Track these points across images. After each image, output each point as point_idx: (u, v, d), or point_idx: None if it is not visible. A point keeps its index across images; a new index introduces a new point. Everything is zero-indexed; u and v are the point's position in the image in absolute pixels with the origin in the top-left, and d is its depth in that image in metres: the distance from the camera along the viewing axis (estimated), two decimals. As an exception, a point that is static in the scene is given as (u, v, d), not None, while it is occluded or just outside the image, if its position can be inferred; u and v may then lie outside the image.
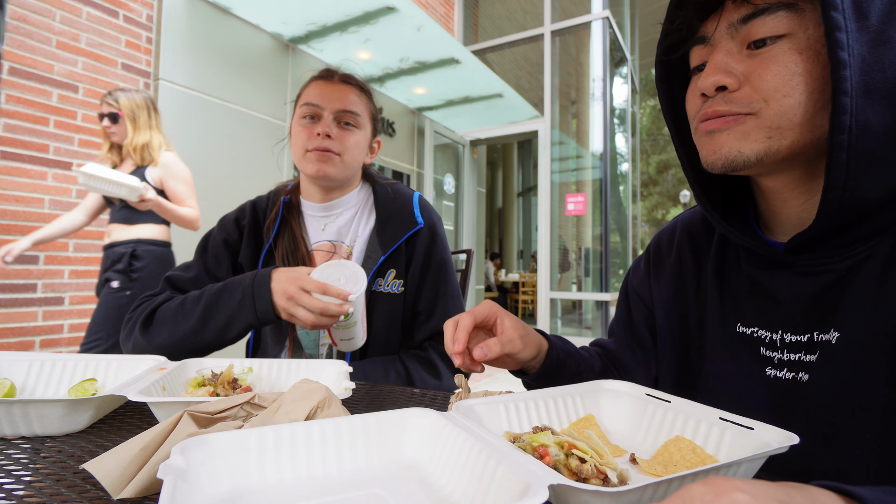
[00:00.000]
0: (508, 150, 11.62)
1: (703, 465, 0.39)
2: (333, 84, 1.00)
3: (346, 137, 0.98)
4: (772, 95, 0.47)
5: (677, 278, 0.68)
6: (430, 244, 1.03)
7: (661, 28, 0.57)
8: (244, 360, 0.73)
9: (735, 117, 0.50)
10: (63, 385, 0.66)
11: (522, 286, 8.81)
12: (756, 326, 0.56)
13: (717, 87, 0.50)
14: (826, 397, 0.48)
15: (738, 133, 0.50)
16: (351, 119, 0.99)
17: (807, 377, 0.50)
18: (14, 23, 2.25)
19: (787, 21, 0.46)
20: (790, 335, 0.52)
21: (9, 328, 2.23)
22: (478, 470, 0.35)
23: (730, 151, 0.50)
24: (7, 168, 2.22)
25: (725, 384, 0.58)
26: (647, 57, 12.13)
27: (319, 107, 0.97)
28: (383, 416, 0.44)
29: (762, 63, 0.48)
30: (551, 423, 0.52)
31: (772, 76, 0.47)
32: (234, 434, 0.38)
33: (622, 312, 0.77)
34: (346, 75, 1.03)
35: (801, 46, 0.46)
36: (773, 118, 0.48)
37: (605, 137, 5.41)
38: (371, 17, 3.44)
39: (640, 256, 0.77)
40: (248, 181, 3.24)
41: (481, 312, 0.62)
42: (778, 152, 0.49)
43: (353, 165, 1.01)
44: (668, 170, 22.79)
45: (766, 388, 0.53)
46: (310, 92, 1.00)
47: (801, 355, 0.51)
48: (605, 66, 5.38)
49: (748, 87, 0.49)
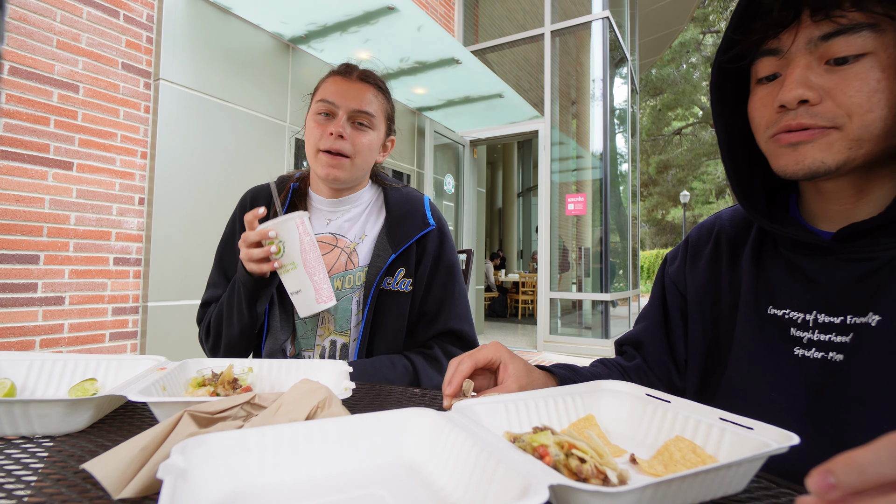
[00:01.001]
0: (508, 150, 11.61)
1: (703, 465, 0.39)
2: (351, 82, 0.99)
3: (358, 138, 0.98)
4: (855, 111, 0.49)
5: (712, 264, 0.70)
6: (439, 246, 1.04)
7: (724, 36, 0.58)
8: (244, 360, 0.73)
9: (821, 130, 0.52)
10: (63, 385, 0.66)
11: (522, 286, 8.81)
12: (788, 308, 0.58)
13: (800, 100, 0.52)
14: (865, 379, 0.50)
15: (823, 145, 0.52)
16: (365, 119, 0.98)
17: (840, 357, 0.52)
18: (14, 23, 2.25)
19: (871, 41, 0.48)
20: (824, 316, 0.55)
21: (9, 328, 2.23)
22: (478, 470, 0.35)
23: (813, 162, 0.53)
24: (7, 168, 2.22)
25: (753, 363, 0.60)
26: (647, 57, 12.14)
27: (335, 104, 0.97)
28: (383, 416, 0.44)
29: (845, 79, 0.50)
30: (551, 423, 0.52)
31: (855, 92, 0.49)
32: (234, 434, 0.38)
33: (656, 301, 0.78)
34: (365, 73, 1.02)
35: (883, 65, 0.48)
36: (857, 131, 0.50)
37: (605, 137, 5.41)
38: (371, 17, 3.44)
39: (679, 246, 0.79)
40: (248, 181, 3.23)
41: (484, 357, 0.62)
42: (854, 160, 0.52)
43: (363, 167, 1.02)
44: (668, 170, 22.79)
45: (794, 367, 0.56)
46: (327, 87, 0.99)
47: (832, 336, 0.53)
48: (605, 66, 5.38)
49: (830, 101, 0.51)
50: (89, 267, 2.52)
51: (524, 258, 12.28)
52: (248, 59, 3.33)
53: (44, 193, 2.35)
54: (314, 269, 0.85)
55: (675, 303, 0.75)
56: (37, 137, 2.32)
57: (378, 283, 0.98)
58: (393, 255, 0.98)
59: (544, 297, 5.39)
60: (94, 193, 2.54)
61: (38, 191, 2.33)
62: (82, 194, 2.49)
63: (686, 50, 21.15)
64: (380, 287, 0.98)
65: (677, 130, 22.72)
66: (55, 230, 2.38)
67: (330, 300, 0.86)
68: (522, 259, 12.25)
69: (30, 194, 2.30)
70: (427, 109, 5.26)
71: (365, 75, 1.01)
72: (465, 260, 1.48)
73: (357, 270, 1.01)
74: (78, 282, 2.47)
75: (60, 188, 2.41)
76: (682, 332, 0.73)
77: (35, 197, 2.32)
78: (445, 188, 5.81)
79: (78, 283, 2.48)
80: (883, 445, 0.23)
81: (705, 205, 22.67)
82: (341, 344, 1.01)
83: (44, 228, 2.35)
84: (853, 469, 0.23)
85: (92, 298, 2.53)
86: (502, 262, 10.62)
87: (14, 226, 2.25)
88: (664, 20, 10.09)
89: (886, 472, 0.23)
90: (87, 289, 2.51)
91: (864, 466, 0.23)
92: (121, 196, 2.65)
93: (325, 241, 1.04)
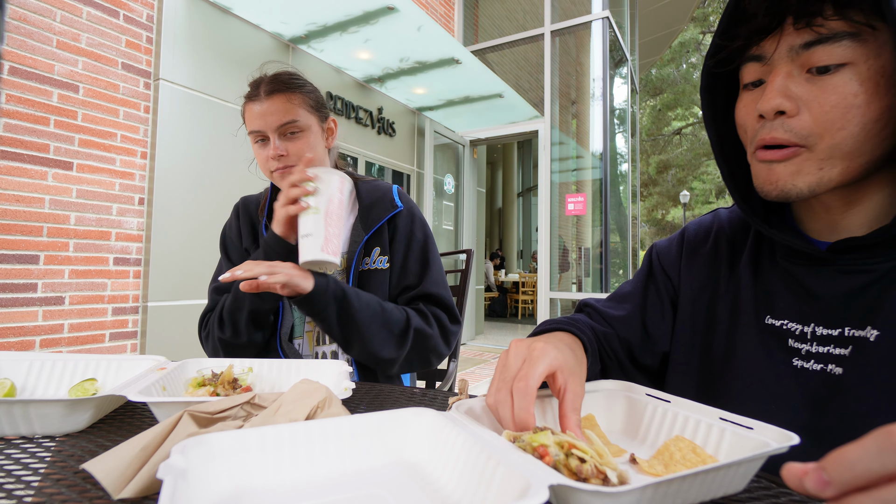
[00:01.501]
0: (508, 150, 11.61)
1: (704, 464, 0.39)
2: (262, 102, 1.01)
3: (297, 147, 1.03)
4: (828, 129, 0.49)
5: (711, 266, 0.69)
6: (410, 223, 1.11)
7: (712, 40, 0.58)
8: (244, 360, 0.73)
9: (792, 149, 0.51)
10: (63, 385, 0.66)
11: (522, 286, 8.81)
12: (786, 319, 0.57)
13: (777, 111, 0.51)
14: (865, 393, 0.50)
15: (793, 166, 0.52)
16: (292, 127, 1.02)
17: (840, 371, 0.52)
18: (14, 23, 2.25)
19: (851, 50, 0.47)
20: (822, 329, 0.54)
21: (9, 328, 2.23)
22: (478, 470, 0.35)
23: (784, 185, 0.52)
24: (7, 168, 2.22)
25: (752, 373, 0.59)
26: (647, 57, 12.14)
27: (261, 131, 1.02)
28: (383, 416, 0.44)
29: (823, 91, 0.49)
30: (551, 424, 0.52)
31: (831, 108, 0.48)
32: (234, 434, 0.38)
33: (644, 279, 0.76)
34: (270, 84, 1.03)
35: (861, 77, 0.47)
36: (826, 151, 0.50)
37: (605, 137, 5.41)
38: (371, 17, 3.44)
39: (672, 238, 0.77)
40: (248, 181, 3.23)
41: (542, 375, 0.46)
42: (830, 181, 0.51)
43: (315, 161, 1.06)
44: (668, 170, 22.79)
45: (793, 379, 0.55)
46: (249, 117, 1.04)
47: (831, 348, 0.53)
48: (605, 66, 5.38)
49: (807, 114, 0.50)
50: (89, 267, 2.52)
51: (524, 258, 12.28)
52: (248, 59, 3.33)
53: (44, 193, 2.35)
54: (333, 222, 0.89)
55: (668, 291, 0.73)
56: (37, 137, 2.32)
57: (357, 264, 1.04)
58: (366, 236, 1.05)
59: (544, 297, 5.39)
60: (94, 193, 2.54)
61: (38, 191, 2.33)
62: (82, 194, 2.49)
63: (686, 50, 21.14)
64: (359, 268, 1.05)
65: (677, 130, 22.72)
66: (55, 230, 2.38)
67: (335, 255, 0.88)
68: (522, 259, 12.25)
69: (30, 194, 2.30)
70: (427, 109, 5.26)
71: (271, 88, 1.03)
72: (465, 260, 1.48)
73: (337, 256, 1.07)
74: (78, 282, 2.47)
75: (60, 188, 2.40)
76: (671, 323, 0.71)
77: (35, 197, 2.32)
78: (445, 188, 5.81)
79: (78, 283, 2.47)
80: (871, 440, 0.23)
81: (705, 205, 22.66)
82: None
83: (44, 228, 2.35)
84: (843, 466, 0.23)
85: (92, 298, 2.53)
86: (501, 262, 10.62)
87: (14, 226, 2.25)
88: (664, 20, 10.09)
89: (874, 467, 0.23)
90: (87, 289, 2.51)
91: (853, 462, 0.23)
92: (121, 196, 2.65)
93: None
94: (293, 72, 1.10)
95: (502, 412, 0.44)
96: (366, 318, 0.93)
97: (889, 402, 0.48)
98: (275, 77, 1.05)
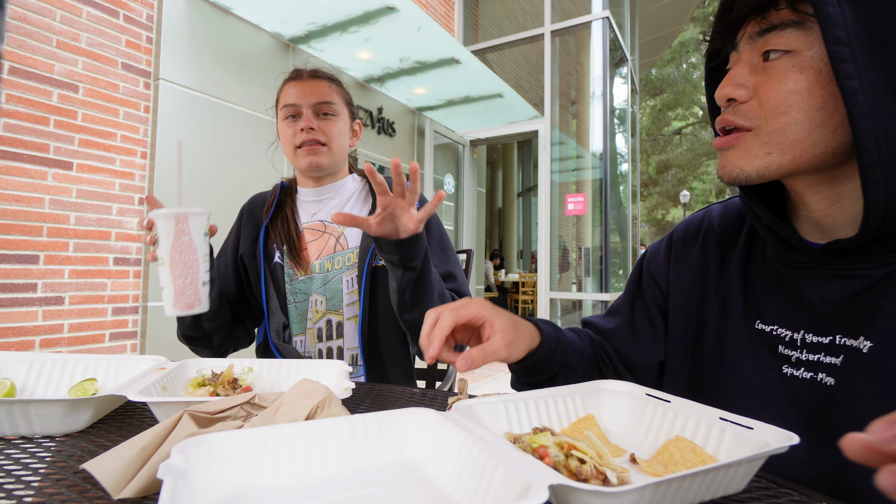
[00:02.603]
0: (508, 150, 11.61)
1: (703, 464, 0.39)
2: (304, 81, 1.08)
3: (328, 126, 1.06)
4: (771, 112, 0.50)
5: (699, 269, 0.68)
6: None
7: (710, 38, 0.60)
8: (244, 360, 0.73)
9: (738, 134, 0.53)
10: (63, 385, 0.66)
11: (522, 286, 8.81)
12: (776, 325, 0.57)
13: (728, 98, 0.54)
14: (859, 406, 0.48)
15: (741, 151, 0.53)
16: (328, 109, 1.07)
17: (832, 381, 0.50)
18: (14, 22, 2.25)
19: (795, 38, 0.49)
20: (812, 336, 0.53)
21: (9, 328, 2.23)
22: (478, 470, 0.35)
23: (733, 168, 0.54)
24: (7, 168, 2.22)
25: (741, 379, 0.58)
26: (647, 57, 12.13)
27: (297, 105, 1.05)
28: (383, 416, 0.44)
29: (769, 77, 0.51)
30: (551, 424, 0.52)
31: (774, 92, 0.50)
32: (234, 434, 0.38)
33: (633, 290, 0.76)
34: (314, 70, 1.11)
35: (804, 65, 0.49)
36: (770, 135, 0.51)
37: (605, 137, 5.41)
38: (371, 17, 3.44)
39: (662, 240, 0.76)
40: (248, 180, 3.24)
41: (466, 314, 0.57)
42: (780, 168, 0.51)
43: (340, 151, 1.10)
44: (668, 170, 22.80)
45: (783, 386, 0.54)
46: (286, 94, 1.08)
47: (822, 356, 0.52)
48: (605, 66, 5.38)
49: (755, 100, 0.52)
50: (89, 267, 2.52)
51: (524, 258, 12.28)
52: (248, 59, 3.33)
53: (44, 193, 2.35)
54: (182, 271, 0.78)
55: (656, 300, 0.72)
56: (37, 137, 2.32)
57: (370, 260, 1.05)
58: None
59: (544, 297, 5.39)
60: (94, 193, 2.54)
61: (37, 191, 2.32)
62: (82, 194, 2.49)
63: (686, 50, 21.14)
64: (372, 264, 1.05)
65: (677, 130, 22.72)
66: (55, 230, 2.38)
67: (193, 306, 0.79)
68: (522, 259, 12.25)
69: (30, 194, 2.30)
70: (427, 109, 5.26)
71: (315, 72, 1.10)
72: (465, 260, 1.48)
73: (347, 252, 1.08)
74: (78, 282, 2.47)
75: (60, 188, 2.40)
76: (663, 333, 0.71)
77: (35, 197, 2.32)
78: (445, 188, 5.81)
79: (78, 283, 2.47)
80: None
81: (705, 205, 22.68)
82: (336, 322, 1.07)
83: (44, 228, 2.34)
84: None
85: (92, 298, 2.53)
86: (501, 262, 10.62)
87: (14, 226, 2.25)
88: (664, 20, 10.08)
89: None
90: (86, 289, 2.51)
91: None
92: (121, 196, 2.65)
93: (313, 228, 1.12)
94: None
95: (424, 328, 0.56)
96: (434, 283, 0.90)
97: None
98: (319, 68, 1.12)
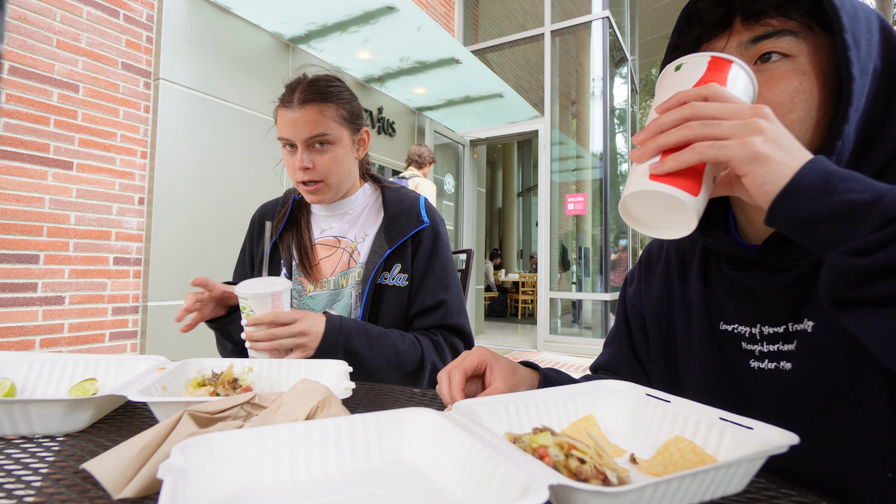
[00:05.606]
0: (508, 150, 11.61)
1: (703, 464, 0.39)
2: (295, 111, 0.99)
3: (322, 160, 1.01)
4: (777, 110, 0.50)
5: (665, 282, 0.71)
6: (434, 242, 1.08)
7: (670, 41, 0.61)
8: (244, 360, 0.73)
9: None
10: (63, 385, 0.66)
11: (522, 286, 8.81)
12: (736, 323, 0.59)
13: None
14: (814, 383, 0.51)
15: None
16: (321, 139, 1.00)
17: (789, 366, 0.53)
18: (14, 22, 2.25)
19: (794, 45, 0.51)
20: (767, 328, 0.56)
21: (9, 328, 2.23)
22: (478, 470, 0.35)
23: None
24: (7, 168, 2.22)
25: (716, 380, 0.60)
26: (647, 57, 12.13)
27: (289, 139, 1.01)
28: (383, 416, 0.44)
29: (770, 78, 0.52)
30: (551, 424, 0.52)
31: (780, 91, 0.51)
32: (234, 434, 0.38)
33: (620, 324, 0.80)
34: (305, 93, 0.99)
35: (804, 68, 0.51)
36: None
37: (605, 137, 5.41)
38: (371, 17, 3.44)
39: (634, 268, 0.81)
40: (249, 181, 3.24)
41: (471, 364, 0.62)
42: None
43: (340, 179, 1.06)
44: (668, 170, 22.75)
45: (754, 380, 0.56)
46: (280, 122, 1.02)
47: (780, 345, 0.55)
48: (605, 66, 5.38)
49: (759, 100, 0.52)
50: (89, 267, 2.52)
51: (524, 258, 12.28)
52: (249, 58, 3.33)
53: (44, 193, 2.35)
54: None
55: (639, 324, 0.75)
56: (37, 137, 2.32)
57: (374, 277, 1.03)
58: (388, 250, 1.03)
59: (544, 297, 5.39)
60: (94, 193, 2.54)
61: (37, 190, 2.33)
62: (82, 194, 2.49)
63: (686, 50, 21.14)
64: (376, 282, 1.03)
65: (677, 130, 22.72)
66: (55, 230, 2.38)
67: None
68: (522, 259, 12.25)
69: (30, 194, 2.30)
70: (427, 109, 5.26)
71: (305, 98, 0.99)
72: (465, 260, 1.48)
73: (357, 268, 1.06)
74: (78, 281, 2.47)
75: (60, 188, 2.40)
76: (646, 352, 0.74)
77: (35, 197, 2.32)
78: (445, 188, 5.81)
79: (78, 282, 2.47)
80: None
81: (705, 205, 22.71)
82: None
83: (44, 228, 2.35)
84: None
85: (92, 298, 2.53)
86: (500, 262, 10.62)
87: (14, 225, 2.25)
88: (664, 20, 10.08)
89: None
90: (86, 288, 2.51)
91: None
92: (121, 196, 2.65)
93: (326, 243, 1.10)
94: (332, 78, 1.05)
95: (441, 388, 0.60)
96: (379, 366, 0.93)
97: (835, 393, 0.49)
98: (312, 83, 1.01)
